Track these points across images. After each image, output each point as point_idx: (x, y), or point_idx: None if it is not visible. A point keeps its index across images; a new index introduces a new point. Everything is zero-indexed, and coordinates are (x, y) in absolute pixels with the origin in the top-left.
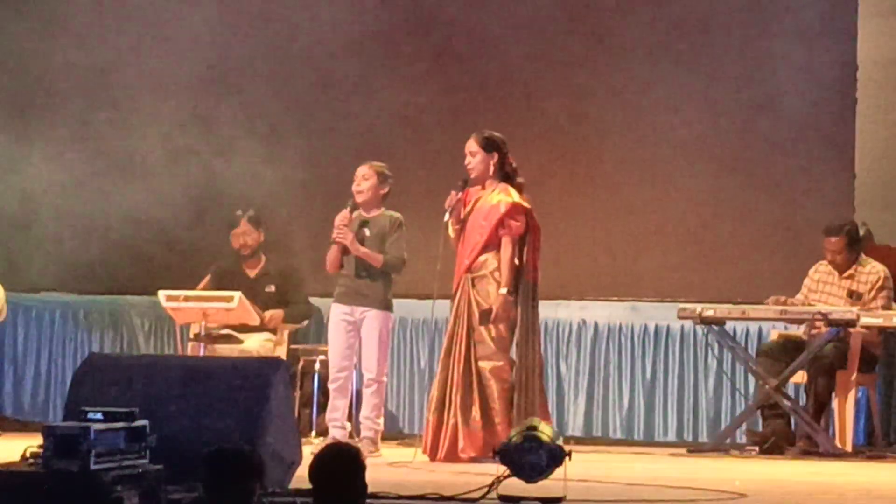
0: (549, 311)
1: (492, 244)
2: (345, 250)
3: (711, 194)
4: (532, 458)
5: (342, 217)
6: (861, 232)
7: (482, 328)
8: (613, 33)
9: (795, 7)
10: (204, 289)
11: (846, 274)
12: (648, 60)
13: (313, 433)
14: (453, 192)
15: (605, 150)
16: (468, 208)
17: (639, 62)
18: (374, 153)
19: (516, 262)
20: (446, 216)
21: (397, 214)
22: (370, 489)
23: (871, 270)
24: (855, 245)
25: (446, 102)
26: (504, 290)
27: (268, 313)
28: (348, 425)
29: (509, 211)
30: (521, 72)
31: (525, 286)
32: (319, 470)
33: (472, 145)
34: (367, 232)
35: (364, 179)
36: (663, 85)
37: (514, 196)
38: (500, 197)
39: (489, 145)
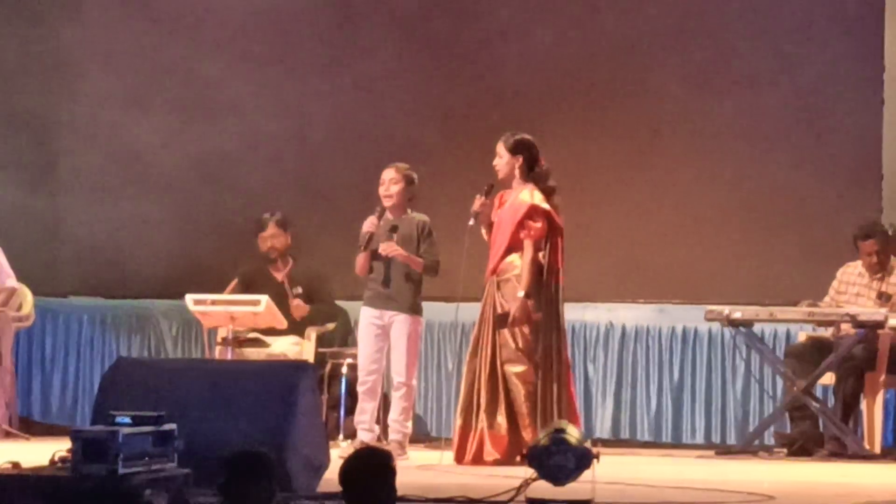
0: (577, 313)
1: (516, 246)
2: (374, 255)
3: (739, 196)
4: (560, 460)
5: (370, 223)
6: (889, 233)
7: (506, 331)
8: (646, 35)
9: (821, 8)
10: (231, 292)
11: (876, 275)
12: (676, 64)
13: (341, 436)
14: (478, 197)
15: (633, 153)
16: (499, 211)
17: (668, 65)
18: (400, 154)
19: (541, 262)
20: (471, 221)
21: (424, 217)
22: (398, 492)
23: None
24: (889, 246)
25: (475, 103)
26: (521, 294)
27: (294, 302)
28: (376, 428)
29: (528, 213)
30: (550, 74)
31: (548, 288)
32: (350, 474)
33: (499, 147)
34: (394, 237)
35: (393, 184)
36: (688, 89)
37: (536, 198)
38: (522, 198)
39: (515, 148)
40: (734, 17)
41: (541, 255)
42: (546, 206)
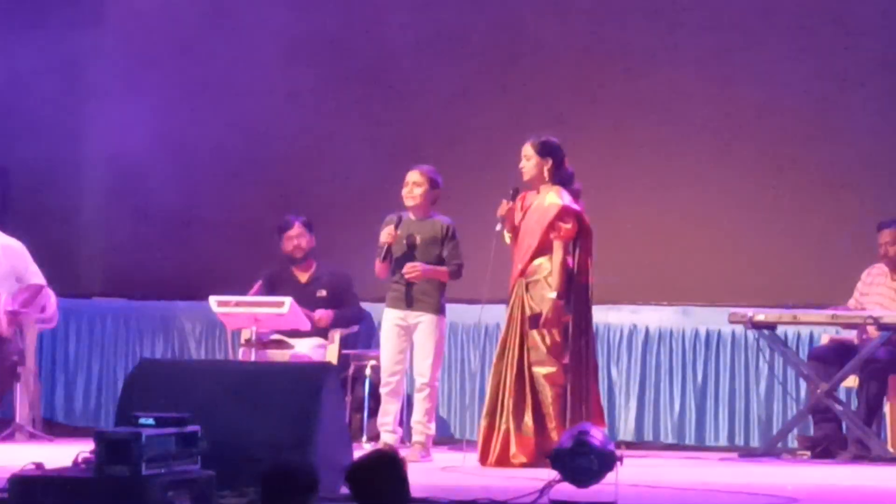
0: (600, 315)
1: (545, 248)
2: (395, 259)
3: (763, 197)
4: (583, 462)
5: (388, 234)
6: None
7: (535, 333)
8: (669, 34)
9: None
10: (255, 294)
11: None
12: (699, 64)
13: (364, 438)
14: (504, 202)
15: (656, 154)
16: (522, 213)
17: (690, 65)
18: (422, 156)
19: (570, 264)
20: (498, 226)
21: (448, 220)
22: (422, 494)
23: None
24: None
25: (497, 104)
26: (553, 295)
27: (318, 312)
28: (400, 430)
29: (559, 214)
30: (572, 75)
31: (578, 289)
32: (357, 476)
33: (527, 149)
34: (417, 239)
35: (416, 186)
36: (713, 89)
37: (565, 199)
38: (551, 200)
39: (544, 150)
40: (766, 8)
41: (568, 257)
42: (577, 207)
